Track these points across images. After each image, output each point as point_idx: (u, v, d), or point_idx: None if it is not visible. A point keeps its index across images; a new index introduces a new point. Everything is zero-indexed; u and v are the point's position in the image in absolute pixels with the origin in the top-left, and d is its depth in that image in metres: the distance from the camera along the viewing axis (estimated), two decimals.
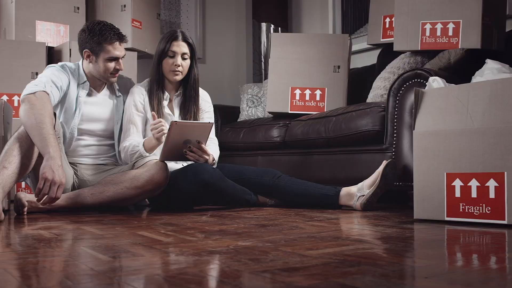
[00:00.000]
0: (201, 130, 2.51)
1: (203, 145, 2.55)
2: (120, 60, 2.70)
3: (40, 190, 2.21)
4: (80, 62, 2.76)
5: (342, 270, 1.09)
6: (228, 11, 5.33)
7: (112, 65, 2.67)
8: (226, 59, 5.31)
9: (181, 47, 2.76)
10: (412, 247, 1.49)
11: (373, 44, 3.87)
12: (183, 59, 2.77)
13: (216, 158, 2.81)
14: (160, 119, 2.56)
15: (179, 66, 2.75)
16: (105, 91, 2.81)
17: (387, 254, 1.30)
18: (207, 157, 2.58)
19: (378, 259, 1.21)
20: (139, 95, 2.80)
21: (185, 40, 2.78)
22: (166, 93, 2.83)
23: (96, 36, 2.63)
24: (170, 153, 2.53)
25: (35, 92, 2.40)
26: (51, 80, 2.54)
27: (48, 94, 2.45)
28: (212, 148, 2.80)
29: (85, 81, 2.71)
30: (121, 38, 2.69)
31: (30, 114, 2.31)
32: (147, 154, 2.65)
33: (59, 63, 2.73)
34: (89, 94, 2.75)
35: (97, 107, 2.76)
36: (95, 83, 2.76)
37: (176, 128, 2.41)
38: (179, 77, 2.78)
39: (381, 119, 2.84)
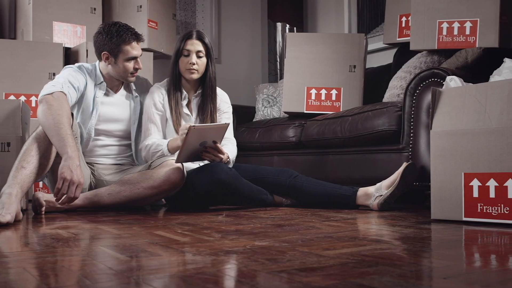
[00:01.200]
0: (218, 131, 2.52)
1: (218, 145, 2.55)
2: (138, 59, 2.71)
3: (59, 190, 2.23)
4: (96, 63, 2.78)
5: (359, 270, 1.09)
6: (244, 11, 5.33)
7: (131, 65, 2.69)
8: (241, 59, 5.31)
9: (195, 45, 2.77)
10: (430, 247, 1.48)
11: (389, 43, 3.85)
12: (198, 57, 2.77)
13: (233, 158, 2.82)
14: (189, 124, 2.55)
15: (194, 64, 2.76)
16: (122, 92, 2.83)
17: (404, 255, 1.29)
18: (222, 156, 2.59)
19: (395, 260, 1.21)
20: (158, 94, 2.82)
21: (199, 38, 2.79)
22: (185, 93, 2.84)
23: (114, 37, 2.65)
24: (187, 156, 2.54)
25: (52, 93, 2.42)
26: (68, 80, 2.56)
27: (66, 95, 2.47)
28: (229, 147, 2.81)
29: (102, 82, 2.73)
30: (138, 37, 2.70)
31: (48, 114, 2.33)
32: (169, 154, 2.66)
33: (76, 64, 2.74)
34: (106, 95, 2.76)
35: (114, 108, 2.78)
36: (112, 84, 2.78)
37: (194, 133, 2.41)
38: (195, 76, 2.79)
39: (398, 118, 2.83)
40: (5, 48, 3.56)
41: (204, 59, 2.80)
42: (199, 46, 2.78)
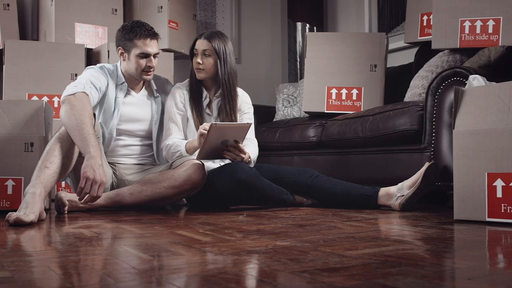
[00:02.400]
0: (239, 131, 2.52)
1: (240, 144, 2.56)
2: (152, 57, 2.72)
3: (82, 189, 2.25)
4: (118, 63, 2.80)
5: (382, 270, 1.08)
6: (264, 11, 5.33)
7: (143, 62, 2.69)
8: (261, 59, 5.31)
9: (201, 45, 2.79)
10: (453, 248, 1.47)
11: (410, 42, 3.82)
12: (205, 56, 2.78)
13: (254, 158, 2.82)
14: (211, 123, 2.54)
15: (199, 63, 2.77)
16: (143, 92, 2.84)
17: (428, 255, 1.28)
18: (243, 155, 2.60)
19: (419, 260, 1.20)
20: (179, 94, 2.83)
21: (206, 38, 2.79)
22: (206, 93, 2.85)
23: (128, 33, 2.68)
24: (208, 153, 2.55)
25: (74, 93, 2.45)
26: (90, 81, 2.58)
27: (88, 95, 2.49)
28: (251, 147, 2.81)
29: (123, 82, 2.75)
30: (152, 34, 2.71)
31: (70, 114, 2.36)
32: (188, 154, 2.67)
33: (98, 65, 2.77)
34: (128, 95, 2.78)
35: (135, 108, 2.79)
36: (133, 83, 2.80)
37: (215, 130, 2.42)
38: (202, 75, 2.80)
39: (419, 118, 2.81)
40: (28, 50, 3.60)
41: (210, 59, 2.79)
42: (205, 46, 2.78)
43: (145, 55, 2.69)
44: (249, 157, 2.70)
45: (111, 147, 2.76)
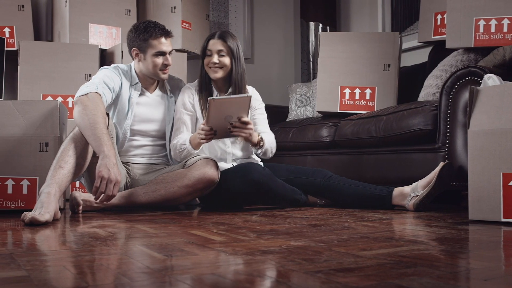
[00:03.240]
0: (241, 104, 2.48)
1: (244, 118, 2.51)
2: (167, 55, 2.73)
3: (97, 188, 2.26)
4: (132, 64, 2.81)
5: (398, 271, 1.08)
6: (276, 10, 5.33)
7: (160, 60, 2.70)
8: (274, 58, 5.31)
9: (216, 45, 2.77)
10: (468, 248, 1.46)
11: (424, 41, 3.80)
12: (220, 56, 2.78)
13: (270, 144, 2.78)
14: (210, 128, 2.52)
15: (215, 63, 2.77)
16: (157, 92, 2.85)
17: (443, 256, 1.27)
18: (251, 129, 2.55)
19: (434, 261, 1.19)
20: (188, 94, 2.83)
21: (220, 37, 2.79)
22: (216, 93, 2.85)
23: (142, 33, 2.68)
24: (216, 133, 2.52)
25: (87, 94, 2.46)
26: (103, 81, 2.59)
27: (100, 95, 2.50)
28: (266, 135, 2.79)
29: (137, 82, 2.76)
30: (166, 33, 2.72)
31: (83, 115, 2.37)
32: (195, 151, 2.67)
33: (112, 65, 2.78)
34: (142, 95, 2.79)
35: (149, 108, 2.80)
36: (147, 83, 2.80)
37: (215, 106, 2.39)
38: (218, 75, 2.79)
39: (434, 118, 2.79)
40: (42, 50, 3.63)
41: (226, 58, 2.78)
42: (220, 46, 2.78)
43: (162, 53, 2.70)
44: (262, 140, 2.68)
45: (125, 147, 2.77)
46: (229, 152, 2.83)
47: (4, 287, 0.98)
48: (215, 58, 2.76)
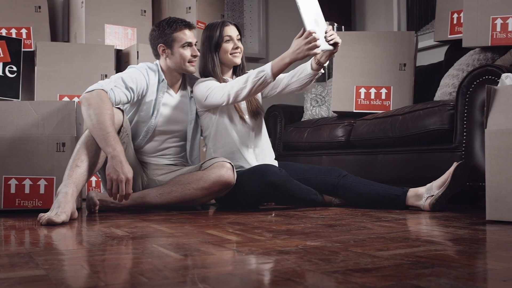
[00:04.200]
0: (317, 7, 2.50)
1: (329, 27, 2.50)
2: (194, 46, 2.73)
3: (110, 190, 2.27)
4: (157, 62, 2.80)
5: (415, 271, 1.07)
6: (291, 10, 5.32)
7: (187, 52, 2.70)
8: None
9: (232, 30, 2.80)
10: (486, 249, 1.45)
11: (440, 40, 3.77)
12: (239, 40, 2.82)
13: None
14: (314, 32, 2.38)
15: (238, 47, 2.80)
16: (180, 92, 2.82)
17: (460, 256, 1.27)
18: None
19: (451, 261, 1.18)
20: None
21: (234, 24, 2.84)
22: (229, 79, 2.83)
23: (166, 29, 2.69)
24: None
25: (92, 91, 2.42)
26: (121, 78, 2.55)
27: (107, 92, 2.44)
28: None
29: (163, 80, 2.73)
30: (188, 25, 2.74)
31: (88, 115, 2.35)
32: (272, 80, 2.53)
33: (141, 64, 2.75)
34: (167, 95, 2.76)
35: (174, 108, 2.77)
36: (173, 81, 2.78)
37: (303, 4, 2.36)
38: (239, 59, 2.81)
39: (450, 117, 2.77)
40: (59, 51, 3.65)
41: (241, 43, 2.84)
42: (236, 31, 2.82)
43: (188, 44, 2.70)
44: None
45: (146, 146, 2.75)
46: (253, 137, 2.82)
47: (23, 286, 0.99)
48: (238, 43, 2.79)
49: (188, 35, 2.71)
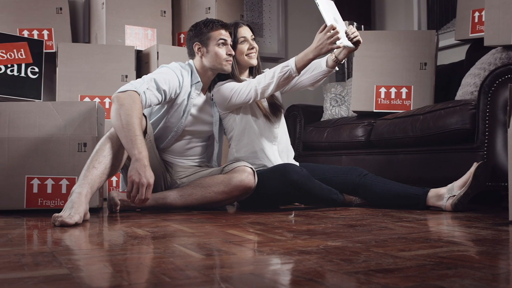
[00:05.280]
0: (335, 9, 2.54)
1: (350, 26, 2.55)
2: (229, 46, 2.72)
3: (129, 193, 2.27)
4: (191, 62, 2.79)
5: (438, 272, 1.06)
6: (310, 10, 5.31)
7: (223, 50, 2.69)
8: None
9: (247, 32, 2.82)
10: (509, 250, 1.43)
11: (461, 39, 3.74)
12: (252, 40, 2.82)
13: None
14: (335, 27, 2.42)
15: (253, 48, 2.80)
16: (208, 93, 2.83)
17: (483, 257, 1.25)
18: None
19: (475, 262, 1.17)
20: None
21: (247, 25, 2.86)
22: (247, 79, 2.83)
23: (202, 28, 2.71)
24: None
25: (125, 91, 2.41)
26: (154, 80, 2.53)
27: (140, 94, 2.43)
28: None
29: (198, 81, 2.72)
30: (225, 25, 2.74)
31: (117, 114, 2.33)
32: (297, 74, 2.56)
33: (173, 63, 2.73)
34: (198, 96, 2.75)
35: (201, 109, 2.77)
36: (206, 83, 2.78)
37: (322, 4, 2.39)
38: (255, 60, 2.82)
39: (472, 117, 2.75)
40: (80, 52, 3.69)
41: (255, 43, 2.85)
42: (250, 32, 2.83)
43: (224, 43, 2.70)
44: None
45: (173, 147, 2.76)
46: (276, 135, 2.82)
47: (47, 285, 1.00)
48: (254, 43, 2.81)
49: (224, 34, 2.72)
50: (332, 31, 2.40)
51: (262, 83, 2.60)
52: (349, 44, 2.49)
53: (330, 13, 2.43)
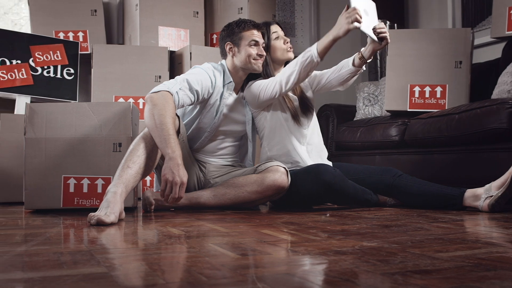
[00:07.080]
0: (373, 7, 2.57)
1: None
2: (261, 46, 2.73)
3: (163, 191, 2.29)
4: (223, 63, 2.80)
5: (478, 274, 1.05)
6: (342, 9, 5.27)
7: (254, 50, 2.70)
8: (340, 57, 5.23)
9: (279, 29, 2.86)
10: None
11: (497, 37, 3.67)
12: (262, 47, 2.81)
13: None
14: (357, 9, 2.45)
15: (288, 41, 2.84)
16: (240, 93, 2.84)
17: None
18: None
19: None
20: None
21: (276, 23, 2.90)
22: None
23: (234, 28, 2.73)
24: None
25: (158, 91, 2.43)
26: (186, 80, 2.54)
27: (172, 95, 2.45)
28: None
29: (230, 81, 2.73)
30: (256, 25, 2.76)
31: (151, 114, 2.35)
32: (319, 59, 2.55)
33: (206, 64, 2.75)
34: (230, 96, 2.77)
35: (234, 109, 2.79)
36: (238, 83, 2.79)
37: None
38: (292, 53, 2.86)
39: (509, 116, 2.70)
40: (114, 53, 3.73)
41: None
42: (280, 28, 2.87)
43: (255, 43, 2.71)
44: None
45: (207, 147, 2.78)
46: (305, 135, 2.81)
47: (86, 283, 1.01)
48: (287, 40, 2.83)
49: (256, 35, 2.73)
50: (352, 12, 2.41)
51: (286, 73, 2.60)
52: (372, 34, 2.49)
53: (361, 3, 2.40)
